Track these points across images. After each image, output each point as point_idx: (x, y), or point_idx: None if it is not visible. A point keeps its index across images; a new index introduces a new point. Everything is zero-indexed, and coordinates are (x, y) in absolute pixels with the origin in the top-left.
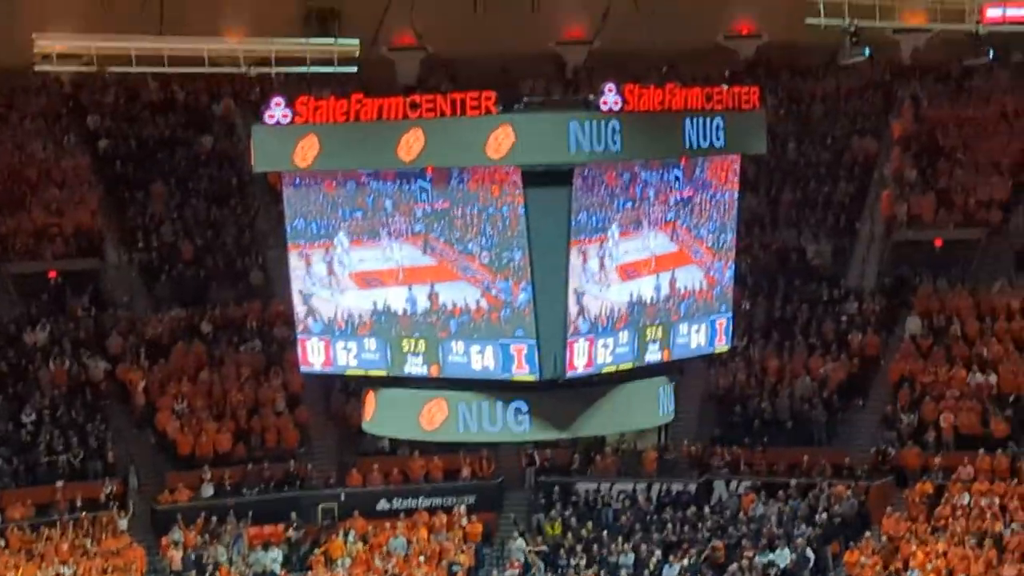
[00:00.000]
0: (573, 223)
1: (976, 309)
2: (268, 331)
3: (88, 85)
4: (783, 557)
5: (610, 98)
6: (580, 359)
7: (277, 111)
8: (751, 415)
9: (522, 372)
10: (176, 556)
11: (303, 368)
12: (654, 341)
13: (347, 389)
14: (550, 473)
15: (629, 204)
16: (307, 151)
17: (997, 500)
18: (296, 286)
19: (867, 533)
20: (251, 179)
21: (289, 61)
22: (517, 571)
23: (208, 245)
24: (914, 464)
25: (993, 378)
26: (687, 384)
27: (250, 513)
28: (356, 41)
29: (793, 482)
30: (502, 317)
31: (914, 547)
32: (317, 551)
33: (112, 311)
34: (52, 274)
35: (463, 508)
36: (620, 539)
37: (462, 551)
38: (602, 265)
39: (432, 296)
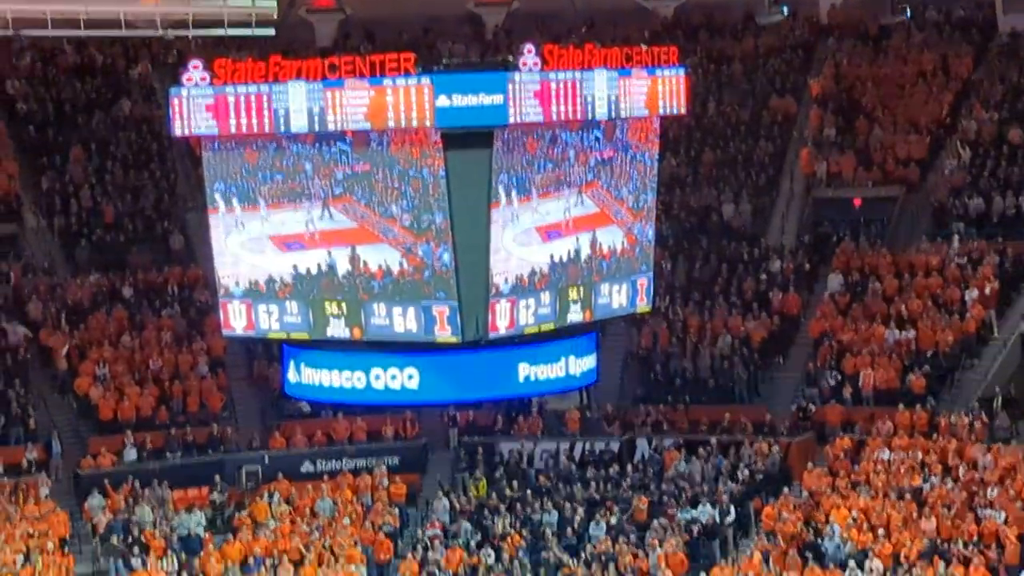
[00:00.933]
0: (494, 185)
1: (895, 266)
2: (189, 295)
3: (3, 49)
4: (705, 513)
5: (529, 59)
6: (502, 320)
7: (195, 74)
8: (673, 374)
9: (444, 334)
10: (100, 521)
11: (225, 332)
12: (576, 301)
13: (269, 352)
14: (473, 434)
15: (550, 165)
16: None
17: (917, 455)
18: (217, 249)
19: (787, 489)
20: (170, 143)
21: (207, 24)
22: (439, 531)
23: (128, 209)
24: (834, 420)
25: (912, 334)
26: (609, 344)
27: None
28: (274, 3)
29: (715, 439)
30: (424, 279)
31: (835, 502)
32: (242, 514)
33: (31, 276)
34: None
35: (384, 468)
36: (544, 498)
37: (389, 513)
38: (523, 226)
39: (353, 259)
